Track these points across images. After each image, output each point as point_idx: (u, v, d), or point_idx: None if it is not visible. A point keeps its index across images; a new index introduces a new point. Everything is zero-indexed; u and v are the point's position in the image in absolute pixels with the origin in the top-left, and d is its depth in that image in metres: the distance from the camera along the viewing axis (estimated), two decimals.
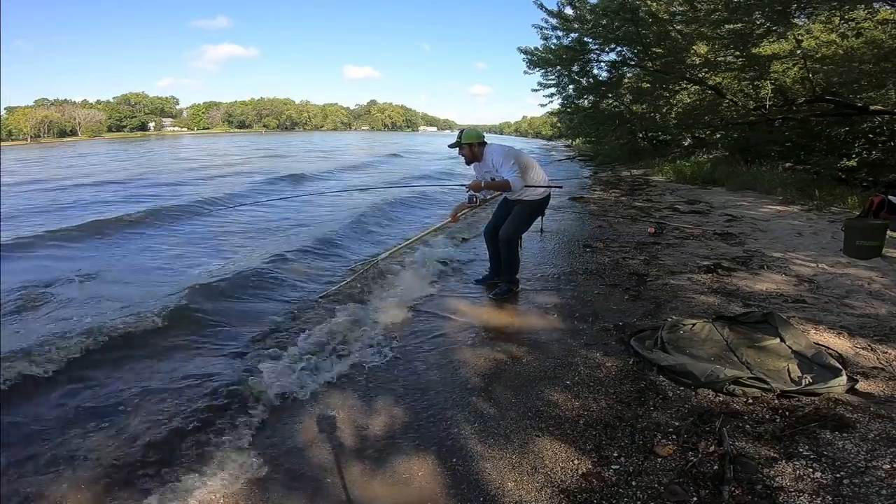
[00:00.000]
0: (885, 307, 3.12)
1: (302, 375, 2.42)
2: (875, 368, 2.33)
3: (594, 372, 2.43)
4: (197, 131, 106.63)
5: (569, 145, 34.71)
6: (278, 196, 9.19)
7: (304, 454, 1.88)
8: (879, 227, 4.32)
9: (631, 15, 11.17)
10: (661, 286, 3.67)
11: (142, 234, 6.10)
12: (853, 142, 9.19)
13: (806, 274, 3.86)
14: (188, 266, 4.66)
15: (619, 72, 14.85)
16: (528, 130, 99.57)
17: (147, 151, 31.41)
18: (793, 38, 9.67)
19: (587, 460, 1.78)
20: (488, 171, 3.54)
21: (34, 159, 26.06)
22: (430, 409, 2.16)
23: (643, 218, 6.51)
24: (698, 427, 1.92)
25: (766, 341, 2.50)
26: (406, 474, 1.76)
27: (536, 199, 3.58)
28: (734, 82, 12.02)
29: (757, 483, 1.60)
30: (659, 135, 17.05)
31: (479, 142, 3.53)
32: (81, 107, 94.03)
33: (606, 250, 4.79)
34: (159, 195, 9.62)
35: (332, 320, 3.13)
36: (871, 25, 8.31)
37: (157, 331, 3.00)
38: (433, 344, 2.83)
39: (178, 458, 1.86)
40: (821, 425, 1.87)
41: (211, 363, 2.64)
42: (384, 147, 36.13)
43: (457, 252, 4.87)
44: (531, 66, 15.16)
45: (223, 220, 7.13)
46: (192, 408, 2.18)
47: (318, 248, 5.15)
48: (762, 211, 6.75)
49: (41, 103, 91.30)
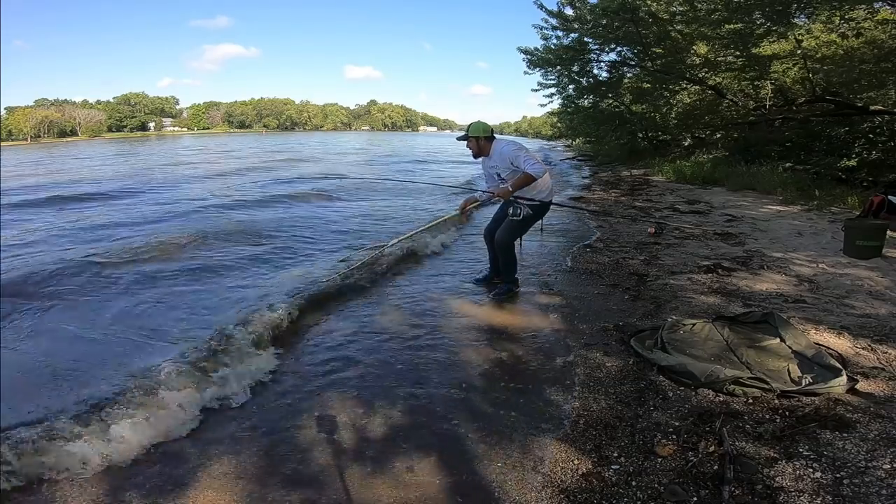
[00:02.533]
0: (885, 307, 3.12)
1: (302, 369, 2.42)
2: (875, 368, 2.33)
3: (594, 372, 2.43)
4: (197, 131, 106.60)
5: (569, 145, 34.70)
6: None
7: (304, 454, 1.88)
8: (879, 227, 4.32)
9: (631, 15, 11.20)
10: (661, 286, 3.67)
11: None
12: (853, 142, 9.19)
13: (806, 274, 3.86)
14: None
15: (619, 72, 14.89)
16: (528, 130, 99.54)
17: (153, 151, 31.11)
18: (793, 38, 9.69)
19: (587, 460, 1.78)
20: (494, 166, 3.50)
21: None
22: (430, 409, 2.16)
23: (643, 218, 6.51)
24: (698, 427, 1.92)
25: (766, 341, 2.50)
26: (406, 474, 1.76)
27: (536, 203, 3.49)
28: (734, 82, 12.04)
29: (757, 483, 1.60)
30: (659, 135, 17.05)
31: (486, 136, 3.48)
32: (81, 107, 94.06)
33: (606, 250, 4.79)
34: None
35: (330, 317, 3.13)
36: (871, 25, 8.31)
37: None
38: (433, 344, 2.83)
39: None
40: (821, 425, 1.87)
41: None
42: (397, 147, 35.26)
43: (456, 251, 4.88)
44: (531, 67, 15.19)
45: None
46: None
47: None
48: (762, 211, 6.75)
49: (41, 103, 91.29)
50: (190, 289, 3.86)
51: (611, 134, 17.79)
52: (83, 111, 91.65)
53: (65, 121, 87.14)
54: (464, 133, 3.54)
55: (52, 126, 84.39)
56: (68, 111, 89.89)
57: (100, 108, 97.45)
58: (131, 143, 49.16)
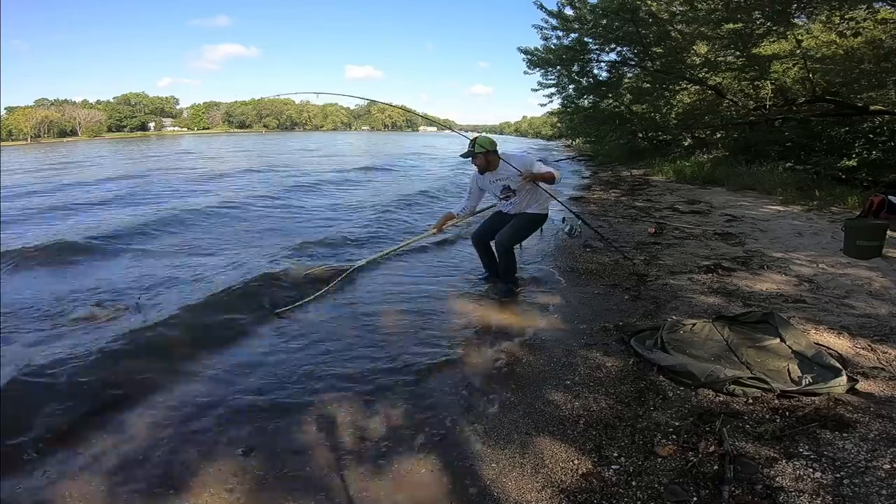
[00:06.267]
0: (885, 307, 3.12)
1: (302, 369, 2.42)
2: (875, 368, 2.33)
3: (594, 372, 2.43)
4: (197, 131, 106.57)
5: (569, 145, 34.72)
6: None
7: (304, 454, 1.88)
8: (879, 227, 4.32)
9: (631, 15, 11.20)
10: (661, 286, 3.66)
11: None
12: (853, 142, 9.19)
13: (806, 274, 3.85)
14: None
15: (619, 72, 14.87)
16: (528, 130, 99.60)
17: (158, 153, 30.05)
18: (793, 38, 9.68)
19: (587, 460, 1.78)
20: (501, 179, 3.48)
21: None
22: (430, 409, 2.16)
23: (643, 218, 6.50)
24: (698, 427, 1.92)
25: (766, 341, 2.49)
26: (406, 474, 1.76)
27: (541, 213, 3.61)
28: (734, 82, 12.03)
29: (757, 483, 1.60)
30: (659, 135, 17.04)
31: (493, 150, 3.45)
32: (81, 107, 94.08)
33: (606, 250, 4.79)
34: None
35: (328, 316, 3.13)
36: (871, 25, 8.30)
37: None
38: (433, 343, 2.83)
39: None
40: (821, 425, 1.87)
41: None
42: (410, 148, 32.12)
43: (456, 250, 4.87)
44: (531, 67, 15.18)
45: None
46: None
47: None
48: (762, 211, 6.75)
49: (41, 103, 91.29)
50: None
51: (611, 134, 17.77)
52: (83, 111, 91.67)
53: (65, 121, 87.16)
54: (468, 150, 3.44)
55: (52, 126, 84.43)
56: (68, 111, 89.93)
57: (100, 108, 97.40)
58: (138, 144, 48.04)
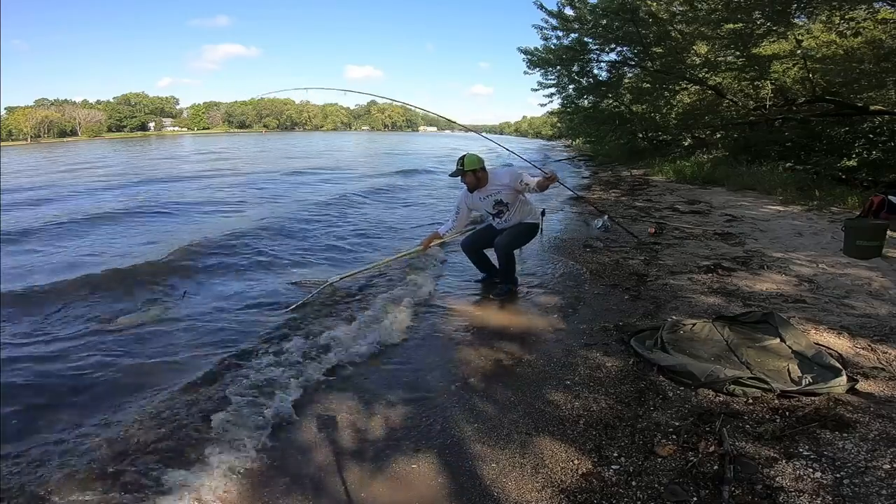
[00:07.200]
0: (885, 307, 3.12)
1: (302, 370, 2.42)
2: (875, 368, 2.33)
3: (594, 372, 2.43)
4: (197, 131, 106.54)
5: (569, 145, 34.73)
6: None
7: (304, 454, 1.88)
8: (879, 227, 4.32)
9: (631, 15, 11.21)
10: (661, 286, 3.66)
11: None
12: (853, 142, 9.20)
13: (806, 274, 3.85)
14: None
15: (619, 72, 14.88)
16: (528, 130, 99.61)
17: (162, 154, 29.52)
18: (793, 38, 9.68)
19: (587, 460, 1.78)
20: (491, 194, 3.47)
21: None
22: (430, 409, 2.16)
23: (643, 218, 6.50)
24: (698, 427, 1.92)
25: (766, 341, 2.50)
26: (406, 474, 1.76)
27: (535, 222, 3.67)
28: (734, 82, 12.03)
29: (757, 483, 1.60)
30: (659, 135, 17.05)
31: (482, 167, 3.44)
32: (81, 107, 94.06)
33: (606, 250, 4.79)
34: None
35: (330, 319, 3.13)
36: (871, 25, 8.30)
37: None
38: (433, 343, 2.83)
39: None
40: (821, 425, 1.87)
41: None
42: (425, 151, 29.55)
43: (456, 250, 4.87)
44: (531, 67, 15.20)
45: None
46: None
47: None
48: (762, 211, 6.74)
49: (41, 103, 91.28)
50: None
51: (611, 134, 17.79)
52: (83, 111, 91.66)
53: (65, 121, 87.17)
54: (457, 169, 3.43)
55: (52, 126, 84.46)
56: (68, 111, 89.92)
57: (100, 108, 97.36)
58: (142, 145, 47.65)
